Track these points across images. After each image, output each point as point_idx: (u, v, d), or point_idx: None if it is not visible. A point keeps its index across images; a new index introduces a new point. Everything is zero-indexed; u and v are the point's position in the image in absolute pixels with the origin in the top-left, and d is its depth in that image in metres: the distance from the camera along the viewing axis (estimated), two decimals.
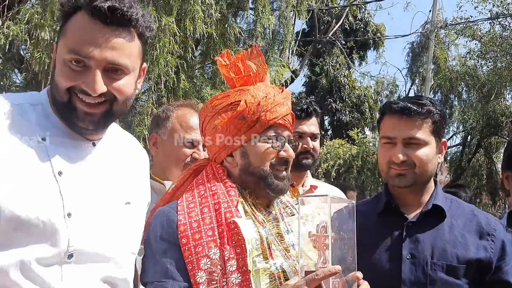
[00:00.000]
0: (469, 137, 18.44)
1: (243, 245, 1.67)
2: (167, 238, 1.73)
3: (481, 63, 16.93)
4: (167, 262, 1.70)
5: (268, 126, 1.82)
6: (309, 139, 2.97)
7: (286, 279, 1.70)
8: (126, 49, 1.59)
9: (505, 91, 17.20)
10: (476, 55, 16.73)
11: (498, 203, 19.53)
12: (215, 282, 1.65)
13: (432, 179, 2.24)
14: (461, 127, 19.20)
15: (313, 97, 19.71)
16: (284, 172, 1.86)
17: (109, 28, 1.55)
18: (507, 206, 19.43)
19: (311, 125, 3.03)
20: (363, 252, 2.18)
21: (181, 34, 8.17)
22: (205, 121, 1.91)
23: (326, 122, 19.96)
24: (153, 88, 8.26)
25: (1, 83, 8.38)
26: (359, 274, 1.70)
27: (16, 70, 8.88)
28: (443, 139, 2.23)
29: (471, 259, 2.06)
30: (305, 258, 1.65)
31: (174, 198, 1.91)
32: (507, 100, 17.19)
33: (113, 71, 1.57)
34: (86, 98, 1.56)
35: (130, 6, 1.57)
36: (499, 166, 19.40)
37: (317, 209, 1.69)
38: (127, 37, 1.59)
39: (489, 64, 16.57)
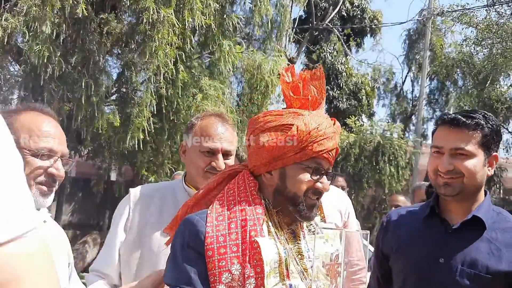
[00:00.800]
0: None
1: (263, 265, 1.69)
2: (193, 247, 1.76)
3: (476, 50, 16.91)
4: (191, 270, 1.73)
5: (313, 156, 1.83)
6: None
7: None
8: None
9: (500, 78, 17.20)
10: (472, 42, 16.69)
11: (492, 188, 19.63)
12: None
13: (482, 190, 2.27)
14: None
15: None
16: (315, 202, 1.87)
17: None
18: (501, 191, 19.56)
19: None
20: (401, 252, 2.31)
21: (180, 25, 8.15)
22: (254, 133, 1.91)
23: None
24: (152, 80, 8.25)
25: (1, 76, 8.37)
26: None
27: (14, 63, 8.82)
28: (494, 153, 2.24)
29: (501, 271, 2.09)
30: (318, 282, 1.69)
31: (205, 200, 1.95)
32: (502, 87, 17.19)
33: None
34: None
35: None
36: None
37: (333, 235, 1.77)
38: None
39: (485, 51, 16.55)
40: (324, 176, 1.85)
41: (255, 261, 1.70)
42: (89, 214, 15.09)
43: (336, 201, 2.73)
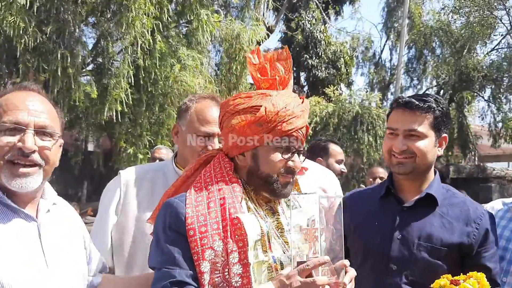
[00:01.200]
0: (441, 92, 18.68)
1: (245, 240, 1.75)
2: (175, 229, 1.80)
3: (454, 18, 17.05)
4: (175, 251, 1.79)
5: (282, 136, 1.87)
6: None
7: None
8: None
9: (477, 46, 17.37)
10: (450, 10, 16.83)
11: (468, 156, 20.03)
12: (218, 272, 1.75)
13: (432, 169, 2.40)
14: (434, 82, 19.44)
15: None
16: (289, 180, 1.92)
17: None
18: (476, 158, 19.97)
19: None
20: (358, 232, 2.40)
21: None
22: (224, 117, 1.95)
23: (302, 78, 19.98)
24: (129, 50, 8.18)
25: None
26: (346, 262, 1.79)
27: None
28: (444, 134, 2.36)
29: (454, 243, 2.26)
30: (297, 250, 1.75)
31: (184, 187, 1.99)
32: (479, 55, 17.36)
33: None
34: None
35: None
36: (470, 119, 19.85)
37: (308, 204, 1.80)
38: None
39: (462, 19, 16.70)
40: (296, 155, 1.90)
41: (237, 236, 1.76)
42: (68, 185, 15.03)
43: (323, 182, 2.78)
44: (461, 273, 2.22)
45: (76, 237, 1.97)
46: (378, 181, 5.32)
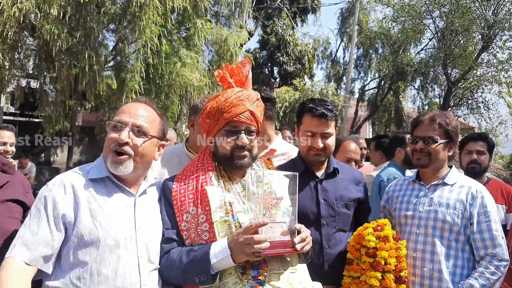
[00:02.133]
0: (382, 82, 18.84)
1: (209, 204, 1.84)
2: (166, 199, 1.96)
3: (393, 25, 17.11)
4: (165, 216, 1.93)
5: (226, 123, 1.95)
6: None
7: None
8: None
9: (410, 47, 17.49)
10: (389, 19, 16.88)
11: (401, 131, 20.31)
12: (193, 230, 1.86)
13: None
14: (376, 75, 19.58)
15: (265, 51, 19.69)
16: (243, 153, 1.96)
17: None
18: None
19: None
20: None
21: (162, 7, 8.06)
22: (198, 117, 2.14)
23: (275, 72, 19.99)
24: (141, 51, 8.20)
25: (18, 47, 8.16)
26: (298, 226, 1.87)
27: (29, 37, 8.58)
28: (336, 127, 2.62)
29: (354, 198, 2.54)
30: (256, 214, 1.81)
31: None
32: (411, 54, 17.52)
33: None
34: None
35: None
36: (404, 104, 20.10)
37: (274, 179, 1.91)
38: None
39: (399, 26, 16.75)
40: (242, 134, 1.94)
41: (204, 202, 1.86)
42: (94, 155, 15.07)
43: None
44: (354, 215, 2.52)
45: (159, 218, 1.95)
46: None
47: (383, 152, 4.49)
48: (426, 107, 18.83)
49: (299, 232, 1.85)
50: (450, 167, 2.62)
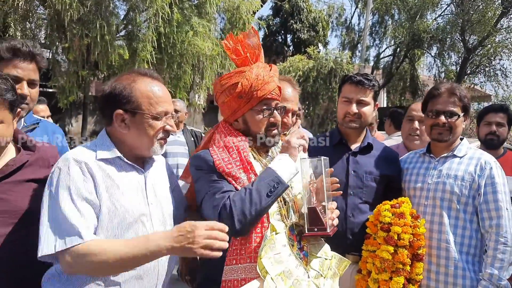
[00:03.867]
0: (398, 49, 18.47)
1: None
2: (207, 169, 1.85)
3: None
4: (216, 179, 1.83)
5: (259, 101, 1.91)
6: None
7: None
8: None
9: (427, 13, 17.03)
10: None
11: (417, 100, 20.08)
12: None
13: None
14: (392, 42, 19.17)
15: (278, 19, 19.31)
16: (275, 131, 1.97)
17: None
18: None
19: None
20: None
21: None
22: (217, 95, 1.98)
23: (288, 40, 19.67)
24: (152, 20, 8.10)
25: (29, 19, 8.11)
26: (333, 205, 1.97)
27: (40, 7, 8.50)
28: (377, 102, 2.66)
29: (384, 174, 2.58)
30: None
31: (206, 147, 2.01)
32: (428, 20, 17.05)
33: None
34: None
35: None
36: (419, 72, 19.74)
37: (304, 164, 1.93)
38: None
39: None
40: (275, 111, 1.95)
41: (253, 172, 1.84)
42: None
43: None
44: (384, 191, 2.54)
45: (166, 183, 1.97)
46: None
47: (392, 122, 4.62)
48: (443, 75, 18.49)
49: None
50: (461, 139, 2.61)
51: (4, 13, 7.54)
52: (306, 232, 1.86)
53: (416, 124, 3.31)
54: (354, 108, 2.52)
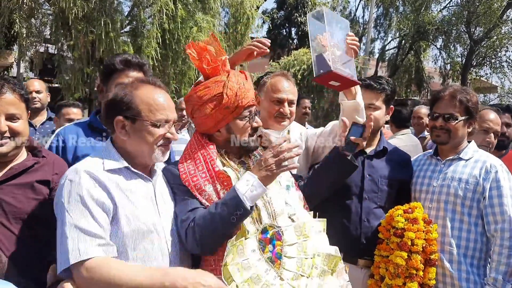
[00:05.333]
0: (403, 42, 18.35)
1: (230, 183, 1.83)
2: (174, 183, 1.89)
3: None
4: (180, 197, 1.87)
5: (243, 109, 1.91)
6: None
7: None
8: None
9: (432, 5, 16.90)
10: None
11: (422, 92, 20.00)
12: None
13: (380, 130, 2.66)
14: (397, 34, 19.04)
15: (283, 12, 19.15)
16: (255, 136, 1.98)
17: None
18: (429, 94, 19.90)
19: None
20: None
21: None
22: (194, 109, 1.94)
23: (293, 33, 19.53)
24: (156, 17, 8.04)
25: (35, 15, 8.07)
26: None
27: (45, 4, 8.46)
28: (391, 106, 2.62)
29: (398, 178, 2.58)
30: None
31: None
32: (433, 12, 16.92)
33: None
34: None
35: None
36: (425, 64, 19.62)
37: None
38: None
39: None
40: (256, 117, 1.96)
41: (224, 183, 1.84)
42: None
43: (297, 134, 2.77)
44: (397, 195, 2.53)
45: (169, 192, 1.94)
46: (423, 121, 4.98)
47: (393, 122, 4.67)
48: (448, 67, 18.37)
49: None
50: (469, 142, 2.59)
51: (9, 10, 7.50)
52: (315, 76, 1.98)
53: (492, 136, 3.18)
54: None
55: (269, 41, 2.36)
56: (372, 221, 2.48)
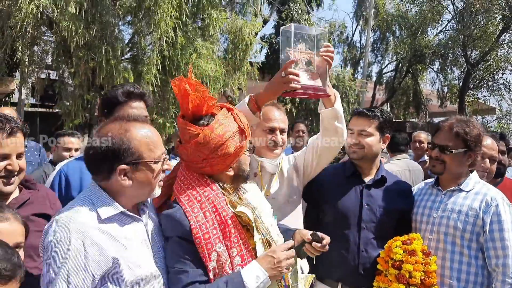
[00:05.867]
0: (400, 65, 18.52)
1: (246, 231, 1.74)
2: (183, 237, 1.71)
3: (411, 7, 16.76)
4: (186, 255, 1.70)
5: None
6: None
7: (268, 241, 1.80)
8: None
9: (428, 29, 17.11)
10: (407, 1, 16.52)
11: (420, 114, 20.10)
12: (220, 268, 1.70)
13: (379, 157, 2.67)
14: (394, 57, 19.23)
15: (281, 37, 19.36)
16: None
17: None
18: (426, 116, 19.98)
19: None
20: (336, 201, 2.60)
21: (177, 0, 8.00)
22: (211, 150, 1.79)
23: None
24: (157, 44, 8.15)
25: (37, 43, 8.19)
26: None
27: (47, 31, 8.59)
28: (386, 134, 2.62)
29: (398, 208, 2.57)
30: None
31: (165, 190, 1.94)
32: (430, 36, 17.13)
33: None
34: None
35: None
36: (422, 86, 19.77)
37: None
38: None
39: (417, 8, 16.40)
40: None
41: (235, 232, 1.72)
42: None
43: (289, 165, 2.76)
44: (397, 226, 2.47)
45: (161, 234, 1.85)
46: (423, 145, 5.12)
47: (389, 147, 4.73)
48: (446, 89, 18.50)
49: None
50: (471, 172, 2.58)
51: (12, 38, 7.63)
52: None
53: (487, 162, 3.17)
54: (354, 138, 2.56)
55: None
56: (370, 251, 2.48)
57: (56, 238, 1.54)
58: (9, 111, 4.62)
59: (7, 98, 11.74)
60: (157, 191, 1.83)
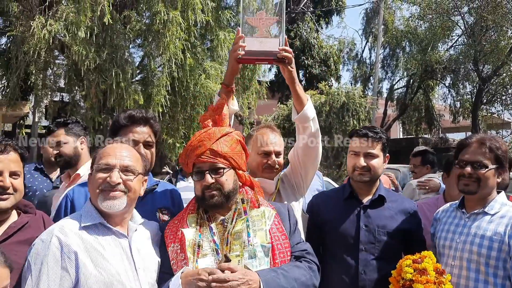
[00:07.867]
0: (411, 81, 18.51)
1: (184, 244, 1.97)
2: (162, 246, 2.07)
3: (420, 23, 16.80)
4: (163, 260, 2.04)
5: (193, 165, 2.05)
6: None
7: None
8: None
9: (438, 44, 17.11)
10: (416, 17, 16.57)
11: (433, 130, 19.96)
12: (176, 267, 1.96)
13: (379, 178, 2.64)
14: (405, 73, 19.24)
15: None
16: (212, 192, 1.99)
17: None
18: (439, 132, 19.81)
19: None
20: (334, 224, 2.58)
21: (185, 23, 8.14)
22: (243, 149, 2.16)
23: (300, 75, 19.86)
24: (166, 66, 8.29)
25: (50, 67, 8.38)
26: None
27: (59, 55, 8.80)
28: (387, 154, 2.62)
29: (400, 228, 2.51)
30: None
31: None
32: (440, 51, 17.12)
33: None
34: None
35: None
36: (434, 102, 19.69)
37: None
38: None
39: (427, 24, 16.44)
40: (206, 174, 1.98)
41: (182, 243, 1.98)
42: None
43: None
44: (405, 246, 2.44)
45: (154, 255, 2.05)
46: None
47: (431, 167, 5.02)
48: (458, 104, 18.40)
49: None
50: (498, 192, 2.40)
51: (26, 63, 7.84)
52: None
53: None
54: (362, 161, 2.52)
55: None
56: (370, 273, 2.43)
57: (41, 239, 1.83)
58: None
59: (21, 121, 11.98)
60: (109, 205, 1.88)
